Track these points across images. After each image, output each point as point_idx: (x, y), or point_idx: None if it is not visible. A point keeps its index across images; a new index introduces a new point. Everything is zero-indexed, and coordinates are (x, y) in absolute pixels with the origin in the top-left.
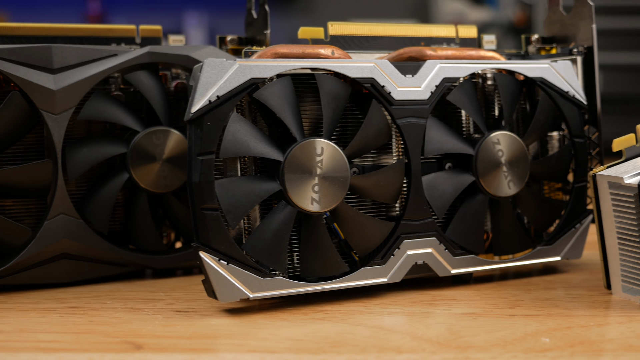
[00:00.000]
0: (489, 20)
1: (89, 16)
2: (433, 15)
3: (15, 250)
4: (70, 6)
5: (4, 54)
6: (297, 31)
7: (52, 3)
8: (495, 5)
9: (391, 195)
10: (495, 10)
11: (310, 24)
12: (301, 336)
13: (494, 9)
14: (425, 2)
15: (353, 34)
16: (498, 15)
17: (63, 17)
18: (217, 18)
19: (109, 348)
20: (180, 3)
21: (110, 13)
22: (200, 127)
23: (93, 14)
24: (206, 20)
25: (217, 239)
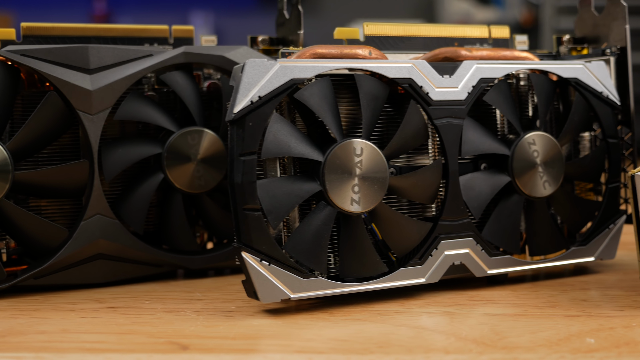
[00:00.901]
0: (496, 20)
1: (94, 16)
2: (439, 15)
3: (51, 250)
4: (76, 6)
5: (40, 54)
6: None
7: (58, 3)
8: (502, 5)
9: (428, 196)
10: (501, 10)
11: (315, 24)
12: (345, 337)
13: (500, 9)
14: (431, 2)
15: (388, 34)
16: (504, 15)
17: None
18: (222, 18)
19: (155, 349)
20: (186, 3)
21: (116, 13)
22: (242, 128)
23: (99, 13)
24: (212, 20)
25: (258, 239)
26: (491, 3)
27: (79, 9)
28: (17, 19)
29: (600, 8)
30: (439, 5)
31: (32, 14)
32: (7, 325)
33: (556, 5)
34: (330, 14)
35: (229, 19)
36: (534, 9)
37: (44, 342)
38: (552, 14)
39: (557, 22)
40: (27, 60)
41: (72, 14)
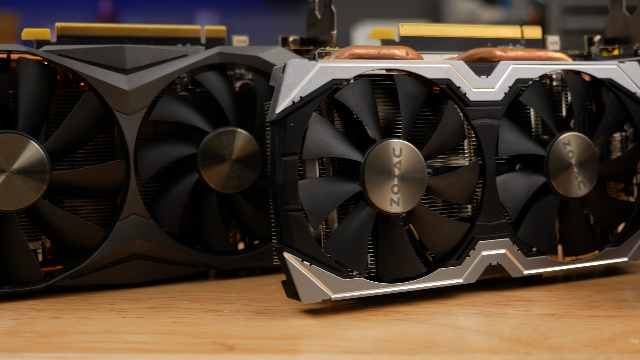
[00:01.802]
0: (502, 20)
1: (100, 15)
2: (445, 15)
3: (87, 251)
4: (82, 5)
5: (77, 54)
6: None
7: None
8: (508, 5)
9: (465, 196)
10: (507, 10)
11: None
12: (389, 337)
13: (506, 9)
14: (437, 2)
15: (422, 34)
16: (511, 15)
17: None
18: (228, 17)
19: (201, 349)
20: (192, 2)
21: (122, 12)
22: (284, 128)
23: (104, 13)
24: (217, 19)
25: (300, 239)
26: (497, 3)
27: (84, 8)
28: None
29: (631, 8)
30: (445, 5)
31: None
32: (48, 325)
33: (563, 5)
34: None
35: (234, 18)
36: (540, 9)
37: (88, 343)
38: (559, 13)
39: (563, 22)
40: (64, 60)
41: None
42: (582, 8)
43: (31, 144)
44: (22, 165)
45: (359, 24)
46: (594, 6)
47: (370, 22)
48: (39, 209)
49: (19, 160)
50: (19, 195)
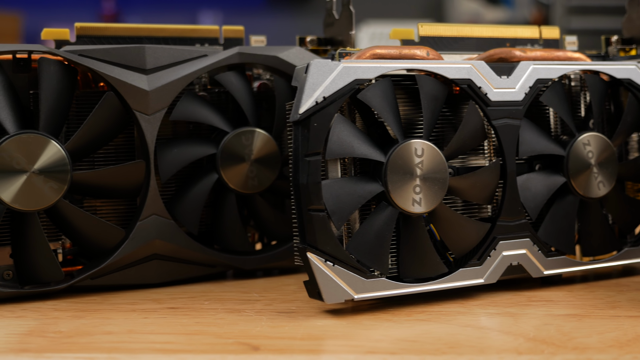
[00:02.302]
0: (505, 20)
1: (103, 15)
2: (448, 15)
3: (106, 251)
4: (85, 5)
5: (98, 54)
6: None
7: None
8: (511, 5)
9: (486, 196)
10: (511, 10)
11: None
12: (413, 337)
13: (510, 9)
14: (440, 2)
15: (442, 34)
16: (514, 15)
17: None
18: (231, 17)
19: (226, 349)
20: (195, 2)
21: (125, 12)
22: (307, 128)
23: (107, 13)
24: (221, 19)
25: (323, 240)
26: (500, 3)
27: (87, 8)
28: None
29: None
30: (449, 5)
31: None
32: (71, 325)
33: (566, 5)
34: None
35: (237, 18)
36: (543, 9)
37: (113, 343)
38: (563, 13)
39: (567, 22)
40: (85, 60)
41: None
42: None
43: (52, 144)
44: (43, 165)
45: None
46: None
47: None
48: (59, 209)
49: (40, 161)
50: (40, 195)
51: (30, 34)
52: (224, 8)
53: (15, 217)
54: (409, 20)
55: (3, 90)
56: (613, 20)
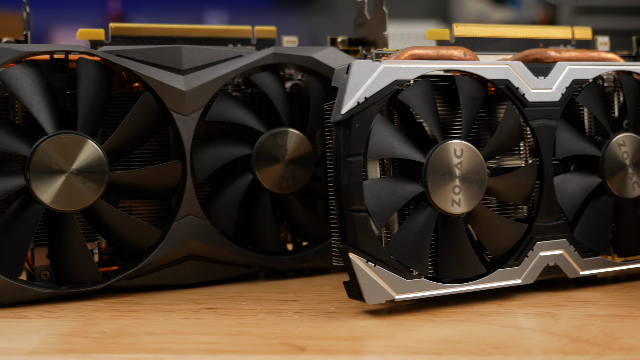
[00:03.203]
0: (511, 20)
1: (109, 15)
2: (454, 15)
3: (143, 251)
4: (91, 5)
5: (135, 54)
6: (320, 31)
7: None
8: (518, 5)
9: (523, 197)
10: (517, 10)
11: (330, 24)
12: (457, 338)
13: (516, 9)
14: (446, 2)
15: (476, 35)
16: (520, 15)
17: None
18: (237, 17)
19: (272, 350)
20: (200, 2)
21: (131, 12)
22: (349, 129)
23: (113, 13)
24: (226, 19)
25: (364, 240)
26: (507, 3)
27: (92, 8)
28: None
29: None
30: (455, 5)
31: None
32: (113, 326)
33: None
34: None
35: (243, 18)
36: (550, 9)
37: (157, 344)
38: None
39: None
40: (122, 60)
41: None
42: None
43: (91, 145)
44: (81, 165)
45: None
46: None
47: None
48: (97, 210)
49: (79, 161)
50: (79, 195)
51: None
52: (230, 8)
53: (52, 217)
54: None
55: (41, 91)
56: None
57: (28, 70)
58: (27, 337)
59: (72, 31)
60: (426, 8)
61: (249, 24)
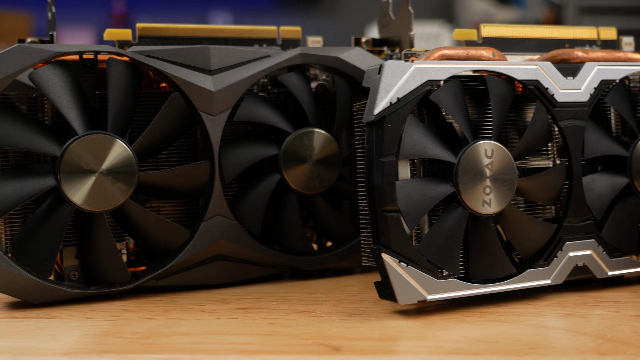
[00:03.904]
0: (516, 20)
1: (113, 15)
2: (459, 15)
3: (171, 251)
4: (95, 5)
5: (164, 55)
6: (325, 30)
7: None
8: (522, 5)
9: (552, 197)
10: (522, 10)
11: (334, 24)
12: (491, 338)
13: (521, 9)
14: (450, 2)
15: (503, 35)
16: (525, 15)
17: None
18: (241, 17)
19: (308, 350)
20: (205, 2)
21: (135, 12)
22: (382, 129)
23: (117, 13)
24: (231, 19)
25: (397, 240)
26: (511, 3)
27: (97, 8)
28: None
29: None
30: (460, 6)
31: None
32: (145, 326)
33: (579, 5)
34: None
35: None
36: (555, 9)
37: (192, 344)
38: (575, 14)
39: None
40: (151, 60)
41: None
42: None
43: (120, 145)
44: (111, 166)
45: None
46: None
47: None
48: (126, 210)
49: (109, 162)
50: (108, 196)
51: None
52: (234, 8)
53: (82, 217)
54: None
55: (71, 91)
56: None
57: (58, 70)
58: (61, 337)
59: (77, 31)
60: (431, 8)
61: (253, 24)
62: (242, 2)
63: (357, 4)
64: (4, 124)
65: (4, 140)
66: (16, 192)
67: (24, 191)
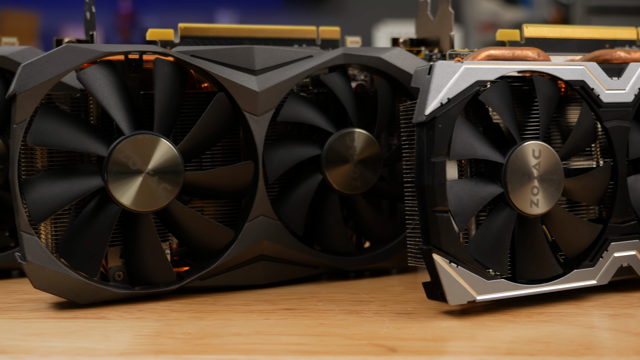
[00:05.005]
0: (524, 20)
1: (119, 15)
2: (466, 15)
3: (214, 252)
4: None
5: (209, 55)
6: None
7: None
8: (530, 5)
9: (597, 198)
10: (529, 10)
11: (341, 23)
12: (544, 338)
13: (528, 9)
14: (458, 2)
15: (546, 36)
16: (533, 15)
17: None
18: (248, 17)
19: (363, 351)
20: (211, 2)
21: (141, 12)
22: (432, 130)
23: (124, 12)
24: (237, 19)
25: (447, 241)
26: (519, 3)
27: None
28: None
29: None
30: (466, 5)
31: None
32: (196, 326)
33: (586, 5)
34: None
35: (254, 18)
36: (562, 9)
37: (246, 344)
38: (583, 14)
39: (587, 23)
40: (196, 60)
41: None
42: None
43: (167, 145)
44: (157, 166)
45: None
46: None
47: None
48: (171, 210)
49: (155, 162)
50: (155, 196)
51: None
52: (241, 7)
53: (127, 218)
54: None
55: (118, 91)
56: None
57: (105, 70)
58: (114, 337)
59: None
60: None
61: (260, 24)
62: (248, 2)
63: (364, 3)
64: (52, 124)
65: (53, 140)
66: (64, 192)
67: (71, 191)
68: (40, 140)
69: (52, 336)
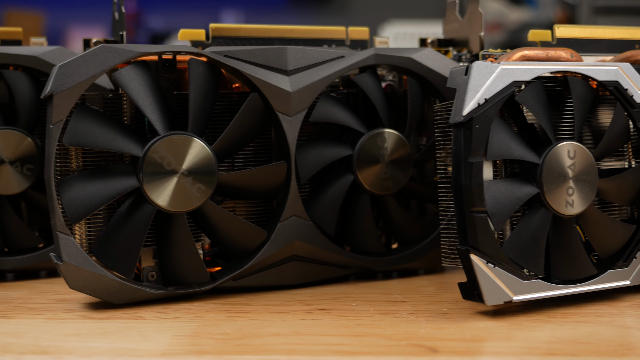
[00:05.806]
0: (529, 20)
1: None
2: None
3: (247, 252)
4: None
5: (242, 55)
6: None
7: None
8: (535, 5)
9: (630, 198)
10: (535, 10)
11: (346, 23)
12: (583, 339)
13: (533, 9)
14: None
15: (577, 36)
16: (538, 15)
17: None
18: (253, 17)
19: (404, 351)
20: (217, 1)
21: (146, 12)
22: (470, 130)
23: (128, 12)
24: (243, 19)
25: (485, 241)
26: (524, 3)
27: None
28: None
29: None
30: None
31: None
32: (233, 327)
33: (592, 5)
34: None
35: (259, 18)
36: (568, 9)
37: (286, 345)
38: (589, 14)
39: (593, 23)
40: (230, 61)
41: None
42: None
43: (201, 146)
44: (191, 166)
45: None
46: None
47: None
48: (205, 211)
49: (190, 162)
50: (189, 196)
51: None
52: (246, 7)
53: (161, 218)
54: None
55: (152, 92)
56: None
57: (140, 71)
58: (153, 337)
59: (87, 30)
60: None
61: (266, 24)
62: (253, 1)
63: (369, 3)
64: (88, 125)
65: (89, 141)
66: (100, 192)
67: (107, 191)
68: (77, 141)
69: (91, 336)
